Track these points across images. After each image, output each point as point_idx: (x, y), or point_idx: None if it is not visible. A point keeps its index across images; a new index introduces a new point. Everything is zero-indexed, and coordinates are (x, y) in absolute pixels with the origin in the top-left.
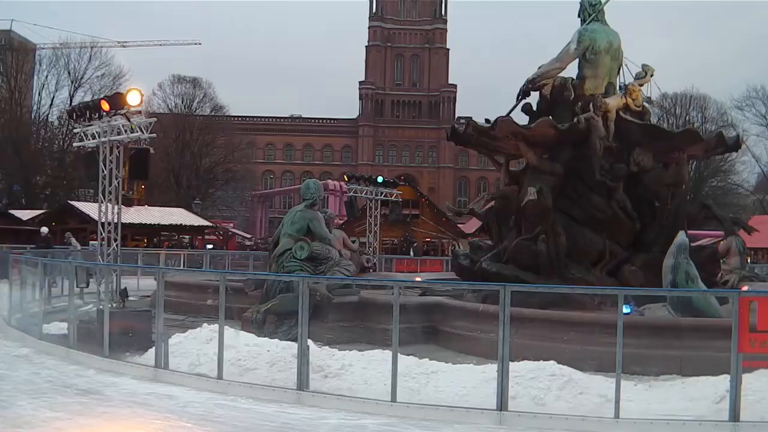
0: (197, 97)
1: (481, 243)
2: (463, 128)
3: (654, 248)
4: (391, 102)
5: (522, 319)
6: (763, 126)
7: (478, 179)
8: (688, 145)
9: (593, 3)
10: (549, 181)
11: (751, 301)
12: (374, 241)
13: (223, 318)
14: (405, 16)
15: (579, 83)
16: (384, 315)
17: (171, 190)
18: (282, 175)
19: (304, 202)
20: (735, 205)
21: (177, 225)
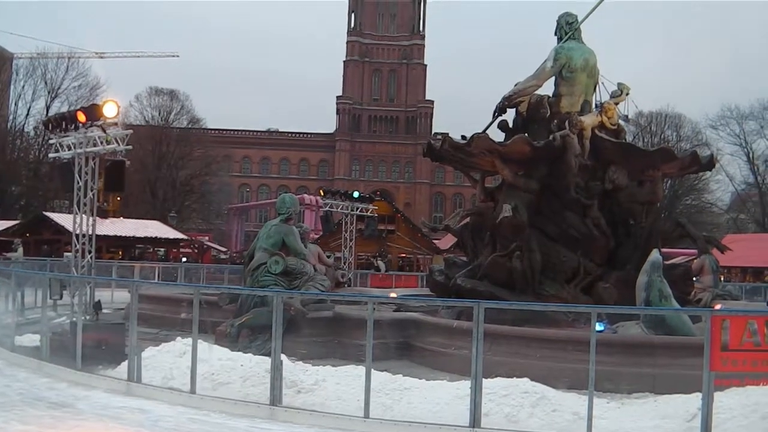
0: (174, 110)
1: (456, 259)
2: (439, 144)
3: (628, 266)
4: (368, 117)
5: (496, 335)
6: (736, 146)
7: (454, 195)
8: (662, 164)
9: (570, 21)
10: (524, 198)
11: (724, 319)
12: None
13: (196, 332)
14: (383, 31)
15: (555, 101)
16: (358, 330)
17: (147, 202)
18: (258, 188)
19: (280, 216)
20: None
21: (152, 237)
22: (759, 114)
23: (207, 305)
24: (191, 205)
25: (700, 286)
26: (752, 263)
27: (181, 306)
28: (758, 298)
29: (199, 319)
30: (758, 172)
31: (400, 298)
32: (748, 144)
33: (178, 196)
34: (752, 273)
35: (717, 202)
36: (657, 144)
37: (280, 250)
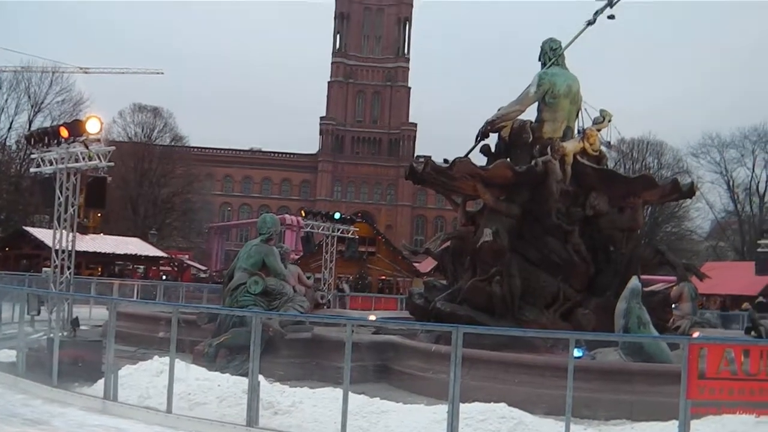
0: (157, 127)
1: (436, 282)
2: (421, 167)
3: (607, 292)
4: (351, 138)
5: (474, 360)
6: (717, 174)
7: (435, 218)
8: (643, 191)
9: (554, 47)
10: (505, 222)
11: (701, 347)
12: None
13: (174, 351)
14: (368, 53)
15: (537, 126)
16: (336, 352)
17: (128, 219)
18: (239, 207)
19: (261, 236)
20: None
21: (132, 255)
22: (740, 143)
23: (185, 324)
24: (172, 223)
25: (678, 313)
26: (731, 291)
27: (160, 324)
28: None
29: (177, 338)
30: (738, 200)
31: (379, 321)
32: (728, 172)
33: (159, 213)
34: (731, 301)
35: (697, 229)
36: (638, 171)
37: (260, 270)
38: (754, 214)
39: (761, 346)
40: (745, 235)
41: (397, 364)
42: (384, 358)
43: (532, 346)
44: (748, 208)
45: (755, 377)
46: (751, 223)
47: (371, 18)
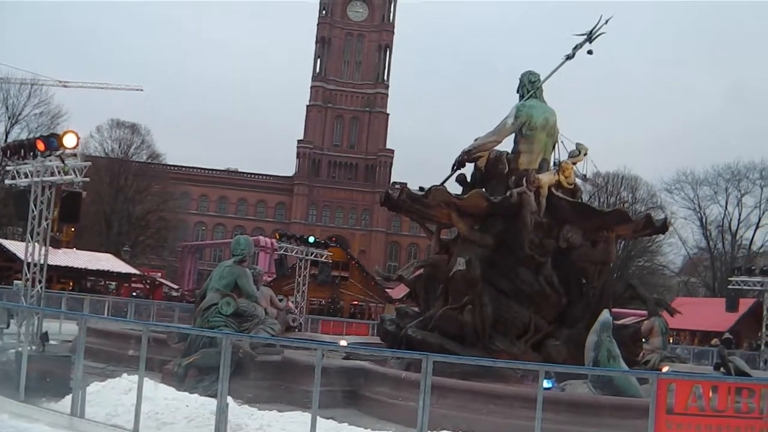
0: (135, 143)
1: (408, 309)
2: (396, 194)
3: (578, 324)
4: (328, 162)
5: (443, 388)
6: (690, 210)
7: (409, 245)
8: (616, 225)
9: (532, 80)
10: (479, 252)
11: (670, 383)
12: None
13: (143, 369)
14: (347, 78)
15: (514, 157)
16: (306, 376)
17: (101, 234)
18: (214, 227)
19: (234, 257)
20: (660, 285)
21: (104, 271)
22: (713, 180)
23: (156, 343)
24: (146, 240)
25: (648, 347)
26: (701, 327)
27: (129, 342)
28: (706, 361)
29: (147, 357)
30: (710, 237)
31: (350, 347)
32: (701, 209)
33: (133, 230)
34: (701, 336)
35: (669, 264)
36: (613, 204)
37: (232, 291)
38: (726, 251)
39: (729, 382)
40: (717, 271)
41: (367, 390)
42: (354, 384)
43: (502, 376)
44: (720, 245)
45: (723, 414)
46: (722, 260)
47: (352, 44)
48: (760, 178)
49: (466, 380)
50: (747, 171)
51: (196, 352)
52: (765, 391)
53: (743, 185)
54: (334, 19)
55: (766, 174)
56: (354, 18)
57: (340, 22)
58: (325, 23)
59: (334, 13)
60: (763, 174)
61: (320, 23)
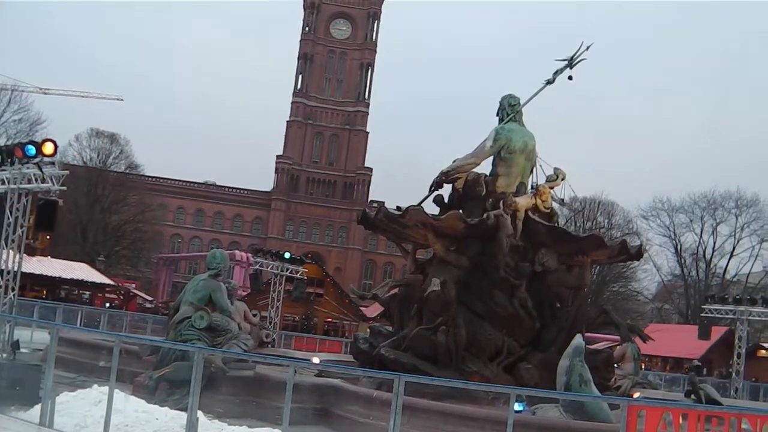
0: (113, 153)
1: (382, 328)
2: (374, 213)
3: (551, 348)
4: (306, 178)
5: (415, 408)
6: (666, 237)
7: (385, 264)
8: (592, 250)
9: (512, 104)
10: (454, 273)
11: (640, 409)
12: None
13: (114, 380)
14: (329, 95)
15: (491, 180)
16: (277, 392)
17: (76, 243)
18: (190, 240)
19: (209, 271)
20: (634, 311)
21: (78, 280)
22: (689, 208)
23: (127, 354)
24: (121, 250)
25: (620, 373)
26: (674, 353)
27: (101, 353)
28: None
29: (118, 368)
30: (685, 264)
31: (322, 365)
32: (676, 236)
33: (109, 240)
34: (673, 363)
35: (643, 290)
36: (589, 229)
37: (206, 305)
38: (700, 279)
39: (699, 410)
40: (690, 299)
41: (338, 408)
42: (325, 402)
43: (473, 398)
44: (694, 272)
45: None
46: (696, 287)
47: (334, 61)
48: (735, 207)
49: (438, 401)
50: (723, 200)
51: (168, 365)
52: (734, 419)
53: (719, 214)
54: (317, 36)
55: (741, 203)
56: (337, 36)
57: (323, 40)
58: (308, 40)
59: (318, 30)
60: (739, 203)
61: (303, 39)
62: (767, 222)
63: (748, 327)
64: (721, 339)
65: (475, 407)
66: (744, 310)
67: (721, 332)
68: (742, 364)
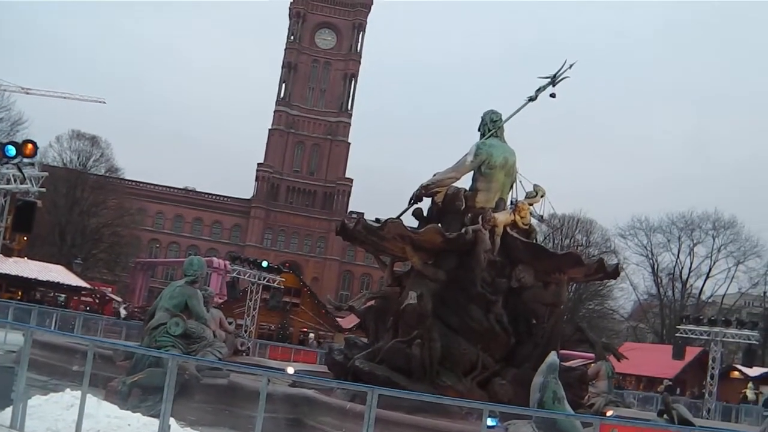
0: (94, 156)
1: (357, 340)
2: (352, 224)
3: (526, 364)
4: (287, 187)
5: (388, 421)
6: (643, 256)
7: (362, 275)
8: (569, 268)
9: (494, 119)
10: (431, 287)
11: (612, 428)
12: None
13: (86, 385)
14: (311, 105)
15: (471, 195)
16: (251, 402)
17: (53, 245)
18: (168, 245)
19: (186, 277)
20: (609, 329)
21: (55, 282)
22: (667, 228)
23: (101, 359)
24: (98, 254)
25: (594, 391)
26: (648, 373)
27: (75, 357)
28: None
29: (92, 373)
30: (661, 284)
31: (296, 375)
32: (654, 256)
33: (87, 243)
34: (646, 382)
35: (619, 309)
36: (567, 246)
37: (182, 311)
38: (676, 299)
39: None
40: (665, 318)
41: (311, 419)
42: (298, 412)
43: (447, 412)
44: (670, 292)
45: None
46: (672, 307)
47: (318, 71)
48: (712, 228)
49: (411, 415)
50: (700, 221)
51: (142, 371)
52: None
53: (696, 235)
54: (301, 45)
55: (718, 225)
56: (322, 45)
57: (308, 49)
58: (292, 49)
59: (302, 40)
60: (716, 225)
61: (288, 48)
62: (744, 244)
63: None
64: (695, 359)
65: (449, 422)
66: (718, 332)
67: (696, 353)
68: (715, 385)
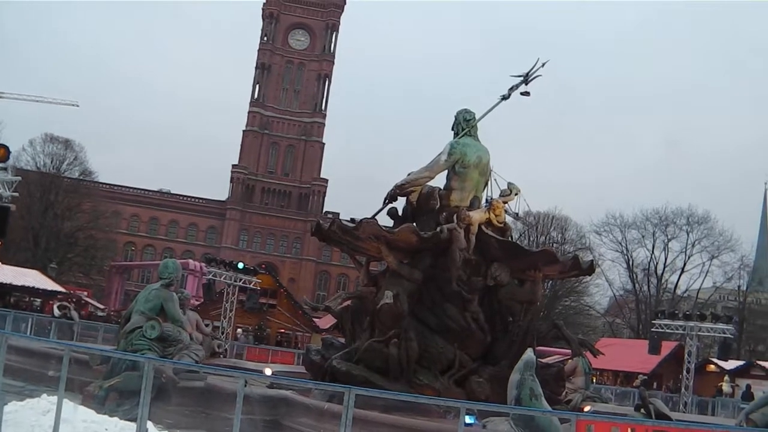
0: (67, 159)
1: (334, 340)
2: (327, 225)
3: (503, 362)
4: (262, 188)
5: (366, 421)
6: (618, 252)
7: (338, 275)
8: (544, 265)
9: (468, 118)
10: (407, 286)
11: (589, 424)
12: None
13: (62, 390)
14: (285, 105)
15: (445, 194)
16: (228, 404)
17: (28, 249)
18: (143, 248)
19: (161, 280)
20: (586, 325)
21: (29, 287)
22: (641, 224)
23: (77, 363)
24: (73, 258)
25: (571, 386)
26: (624, 368)
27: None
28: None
29: (68, 378)
30: (636, 279)
31: (274, 377)
32: (628, 252)
33: (61, 247)
34: (624, 377)
35: (595, 305)
36: (542, 243)
37: (157, 314)
38: (651, 294)
39: (647, 425)
40: (641, 314)
41: (289, 420)
42: (275, 414)
43: (424, 411)
44: (645, 288)
45: None
46: (647, 302)
47: (292, 72)
48: (686, 224)
49: (389, 414)
50: (674, 216)
51: (118, 375)
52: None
53: (670, 230)
54: (275, 46)
55: (692, 220)
56: (295, 46)
57: (281, 50)
58: (265, 49)
59: (276, 40)
60: (690, 220)
61: (261, 49)
62: (717, 239)
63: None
64: (671, 354)
65: (426, 420)
66: (694, 326)
67: (672, 347)
68: (692, 378)
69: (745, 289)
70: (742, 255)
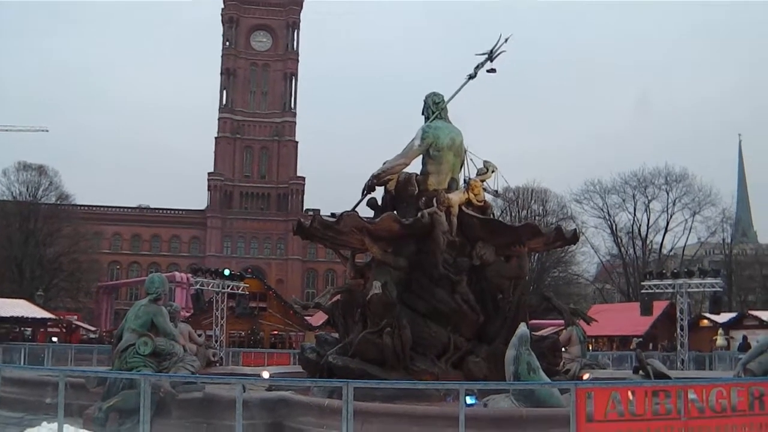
0: (43, 185)
1: (328, 336)
2: (308, 222)
3: (497, 339)
4: (240, 193)
5: (367, 413)
6: (600, 218)
7: (326, 271)
8: (528, 239)
9: (437, 101)
10: (394, 275)
11: (588, 391)
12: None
13: (62, 416)
14: (254, 108)
15: (423, 179)
16: (228, 411)
17: (13, 280)
18: (129, 266)
19: (149, 296)
20: (576, 294)
21: (19, 317)
22: (621, 188)
23: (74, 388)
24: (59, 283)
25: (568, 356)
26: (618, 332)
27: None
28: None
29: (66, 403)
30: (621, 243)
31: (271, 379)
32: (611, 217)
33: (46, 274)
34: (619, 341)
35: (583, 273)
36: (524, 218)
37: (149, 330)
38: (638, 256)
39: (646, 387)
40: (630, 277)
41: (291, 420)
42: (276, 416)
43: (425, 396)
44: (631, 251)
45: (642, 417)
46: (634, 265)
47: (257, 74)
48: (665, 183)
49: (389, 403)
50: (652, 177)
51: (117, 395)
52: (680, 391)
53: (650, 191)
54: (238, 50)
55: (670, 179)
56: (258, 48)
57: (245, 53)
58: (229, 54)
59: (238, 44)
60: (668, 179)
61: (224, 54)
62: (697, 195)
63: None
64: (663, 313)
65: (427, 405)
66: (682, 283)
67: (663, 306)
68: (686, 335)
69: (729, 242)
70: (724, 208)
